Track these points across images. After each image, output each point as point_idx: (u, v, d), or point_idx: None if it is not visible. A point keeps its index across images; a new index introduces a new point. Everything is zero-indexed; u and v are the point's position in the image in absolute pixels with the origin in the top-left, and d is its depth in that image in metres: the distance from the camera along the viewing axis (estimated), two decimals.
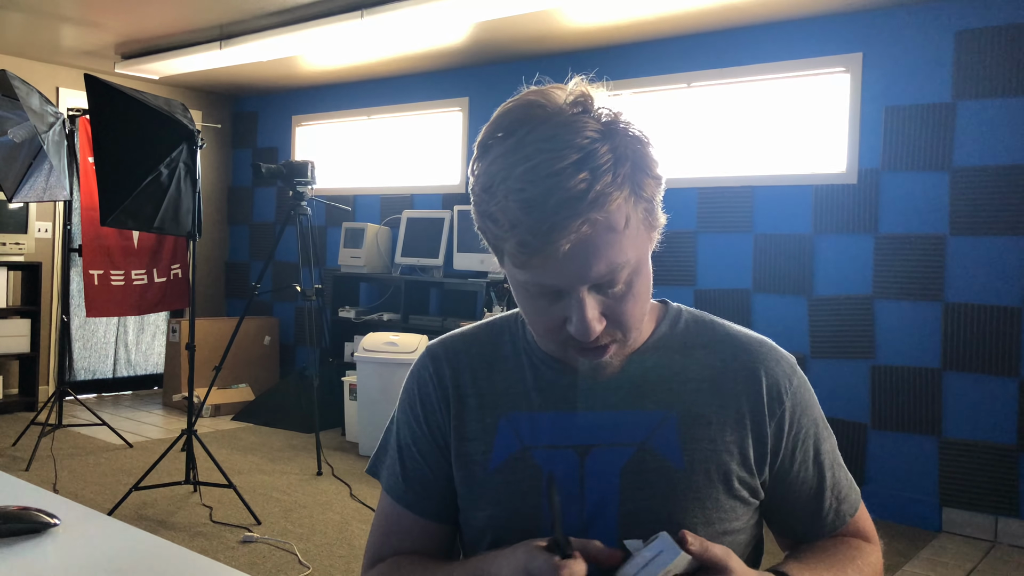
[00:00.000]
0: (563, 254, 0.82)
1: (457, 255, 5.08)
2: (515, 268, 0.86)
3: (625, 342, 0.92)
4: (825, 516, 1.01)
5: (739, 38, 4.34)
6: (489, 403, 1.00)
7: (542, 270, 0.84)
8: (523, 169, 0.82)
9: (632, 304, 0.89)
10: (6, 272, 5.37)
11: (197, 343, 4.93)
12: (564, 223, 0.80)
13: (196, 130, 3.61)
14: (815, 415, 1.01)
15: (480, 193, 0.87)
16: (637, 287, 0.89)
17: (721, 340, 1.00)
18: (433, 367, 1.04)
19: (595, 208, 0.81)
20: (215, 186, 6.79)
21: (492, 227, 0.85)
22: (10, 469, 4.07)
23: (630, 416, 0.95)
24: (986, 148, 3.66)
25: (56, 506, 1.26)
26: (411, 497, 1.03)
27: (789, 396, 0.98)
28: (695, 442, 0.94)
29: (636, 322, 0.91)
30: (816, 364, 4.07)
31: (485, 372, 1.01)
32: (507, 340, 1.03)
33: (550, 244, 0.81)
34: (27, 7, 4.46)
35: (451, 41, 4.81)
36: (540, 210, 0.80)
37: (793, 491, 1.00)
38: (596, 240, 0.82)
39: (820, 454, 1.01)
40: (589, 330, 0.85)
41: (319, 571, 3.02)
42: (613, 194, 0.81)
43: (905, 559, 3.37)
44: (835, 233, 4.04)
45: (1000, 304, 3.62)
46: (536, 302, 0.89)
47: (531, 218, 0.81)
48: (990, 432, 3.64)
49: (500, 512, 0.97)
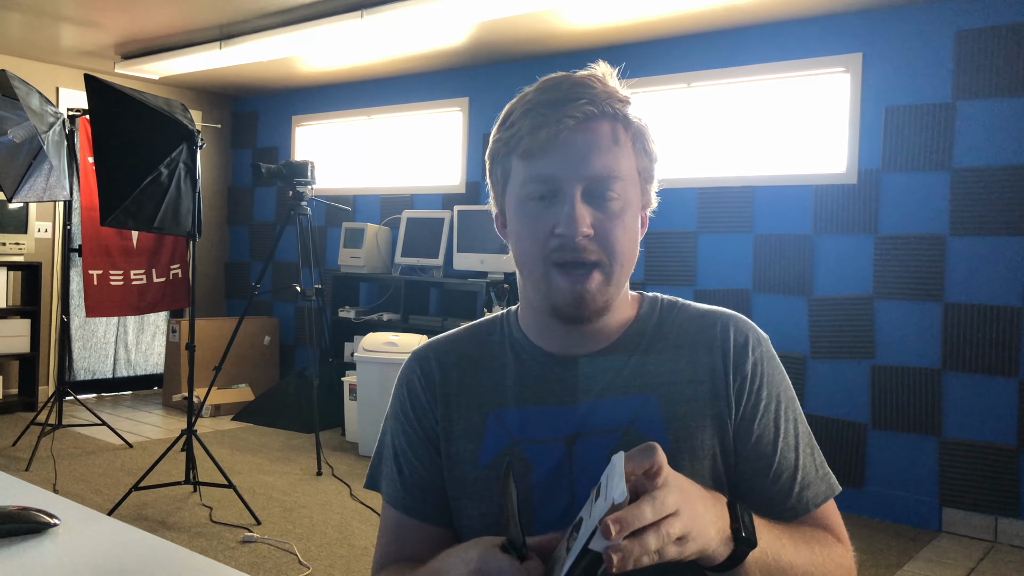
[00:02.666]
0: (568, 135, 0.90)
1: (457, 255, 5.07)
2: (521, 163, 0.93)
3: (610, 274, 0.93)
4: (785, 497, 0.96)
5: (739, 38, 4.34)
6: (476, 401, 1.01)
7: (546, 157, 0.91)
8: (542, 84, 0.95)
9: (621, 231, 0.92)
10: (6, 272, 5.37)
11: (197, 343, 4.93)
12: (576, 96, 0.91)
13: (196, 130, 3.61)
14: (781, 389, 0.99)
15: (497, 127, 0.97)
16: (627, 220, 0.93)
17: (693, 318, 1.02)
18: (420, 369, 1.06)
19: (604, 106, 0.92)
20: (215, 186, 6.79)
21: (505, 134, 0.95)
22: (10, 469, 4.07)
23: (614, 403, 0.96)
24: (986, 148, 3.66)
25: (56, 506, 1.26)
26: (410, 501, 1.03)
27: (753, 356, 0.97)
28: (678, 420, 0.94)
29: (623, 252, 0.93)
30: (816, 364, 4.07)
31: (472, 371, 1.03)
32: (495, 339, 1.05)
33: (561, 115, 0.90)
34: (27, 7, 4.46)
35: (451, 41, 4.81)
36: (555, 90, 0.93)
37: (752, 461, 0.96)
38: (598, 135, 0.92)
39: (783, 430, 0.97)
40: (576, 222, 0.89)
41: (319, 571, 3.02)
42: (621, 114, 0.93)
43: (905, 559, 3.37)
44: (835, 233, 4.04)
45: (1000, 304, 3.62)
46: (531, 208, 0.93)
47: (546, 96, 0.92)
48: (990, 432, 3.64)
49: (493, 509, 0.97)
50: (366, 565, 3.10)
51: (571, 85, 0.93)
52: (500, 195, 1.00)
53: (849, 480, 3.94)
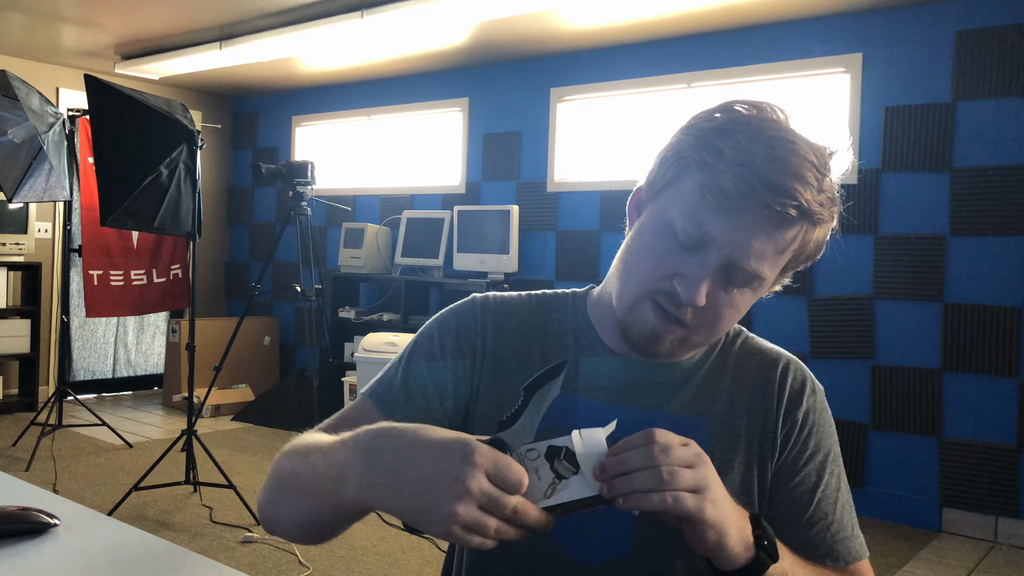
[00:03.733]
0: (751, 218, 0.83)
1: (457, 255, 5.07)
2: (696, 191, 0.85)
3: (694, 342, 0.91)
4: (817, 545, 0.94)
5: (739, 38, 4.34)
6: (526, 372, 0.97)
7: (721, 216, 0.84)
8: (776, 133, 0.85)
9: (730, 315, 0.89)
10: (6, 272, 5.37)
11: (197, 343, 4.93)
12: (791, 192, 0.81)
13: (196, 130, 3.61)
14: (831, 442, 0.97)
15: (706, 129, 0.86)
16: (741, 308, 0.90)
17: (754, 352, 1.00)
18: (481, 315, 1.00)
19: (807, 213, 0.84)
20: (215, 186, 6.79)
21: (707, 156, 0.84)
22: (10, 469, 4.07)
23: (663, 420, 0.94)
24: (986, 148, 3.66)
25: (56, 506, 1.26)
26: (397, 403, 0.96)
27: (806, 404, 0.96)
28: (724, 451, 0.93)
29: (717, 333, 0.91)
30: (816, 364, 4.07)
31: (525, 340, 0.99)
32: (554, 317, 1.01)
33: (767, 200, 0.81)
34: (27, 7, 4.46)
35: (451, 41, 4.81)
36: (781, 167, 0.82)
37: (787, 505, 0.95)
38: (777, 236, 0.85)
39: (824, 482, 0.96)
40: (697, 293, 0.85)
41: (319, 571, 3.02)
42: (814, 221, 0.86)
43: (905, 559, 3.37)
44: (835, 233, 4.03)
45: (1000, 304, 3.62)
46: (667, 238, 0.87)
47: (769, 167, 0.82)
48: (990, 432, 3.64)
49: None
50: (366, 565, 3.10)
51: (797, 173, 0.82)
52: (658, 184, 0.91)
53: (849, 480, 3.92)
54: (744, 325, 1.05)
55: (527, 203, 5.06)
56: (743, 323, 1.00)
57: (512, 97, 5.23)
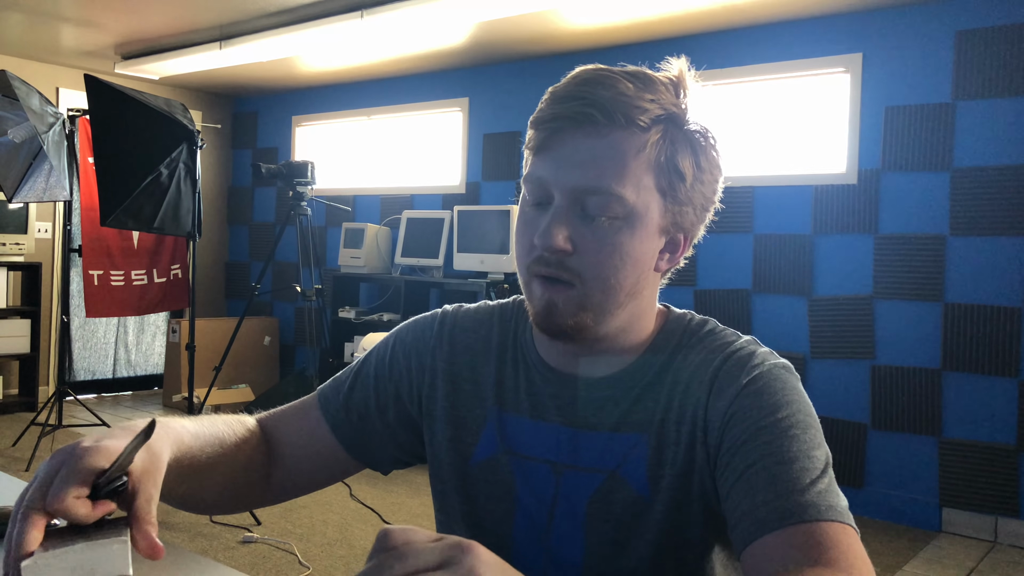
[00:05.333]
0: (566, 138, 0.82)
1: (457, 255, 5.07)
2: (531, 158, 0.86)
3: (587, 296, 0.83)
4: (758, 507, 0.76)
5: (739, 38, 4.34)
6: (482, 394, 0.96)
7: (543, 157, 0.84)
8: (575, 72, 0.86)
9: (608, 253, 0.82)
10: (6, 272, 5.37)
11: (197, 343, 4.93)
12: (581, 95, 0.81)
13: (196, 130, 3.61)
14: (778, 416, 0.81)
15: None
16: (621, 243, 0.82)
17: (709, 351, 0.89)
18: (438, 331, 1.00)
19: (614, 114, 0.81)
20: (215, 186, 6.79)
21: (532, 123, 0.86)
22: (10, 470, 4.07)
23: (606, 439, 0.89)
24: (986, 148, 3.65)
25: None
26: (340, 417, 1.01)
27: (735, 387, 0.84)
28: (660, 467, 0.86)
29: (606, 278, 0.83)
30: (816, 364, 4.07)
31: (483, 359, 0.97)
32: (508, 328, 0.99)
33: (559, 111, 0.82)
34: (27, 7, 4.46)
35: (451, 41, 4.81)
36: (568, 85, 0.84)
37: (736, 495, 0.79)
38: (605, 143, 0.82)
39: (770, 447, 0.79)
40: (550, 235, 0.81)
41: (319, 571, 3.02)
42: (642, 124, 0.82)
43: (905, 559, 3.37)
44: (835, 233, 4.04)
45: (1000, 304, 3.62)
46: (526, 212, 0.87)
47: (560, 88, 0.84)
48: (990, 432, 3.63)
49: (472, 510, 0.95)
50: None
51: (586, 80, 0.83)
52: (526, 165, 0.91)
53: (849, 480, 3.94)
54: (744, 325, 1.04)
55: None
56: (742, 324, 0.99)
57: (512, 97, 5.23)
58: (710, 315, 0.97)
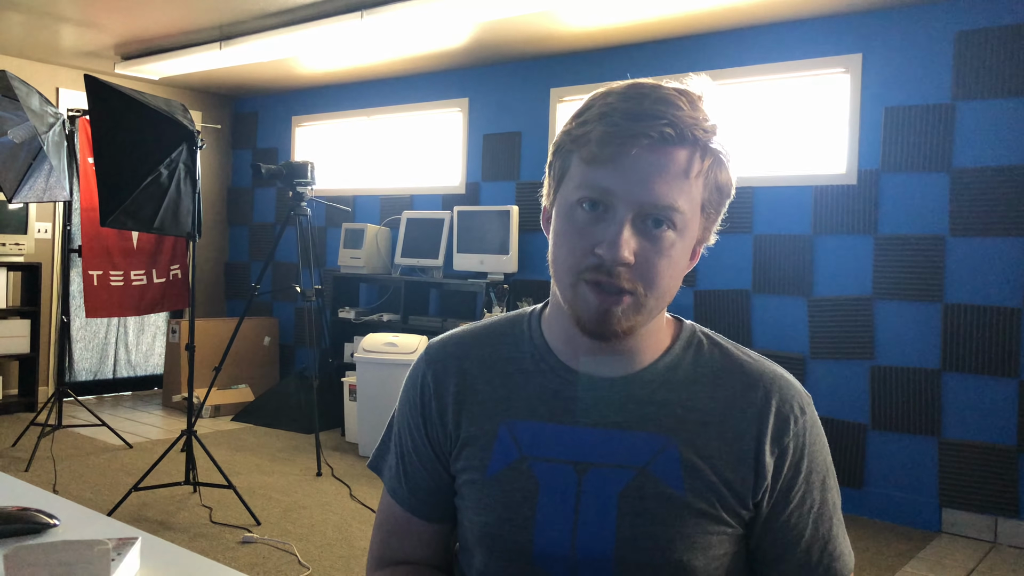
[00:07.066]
0: (637, 154, 0.85)
1: (457, 256, 5.07)
2: (582, 166, 0.88)
3: (642, 304, 0.88)
4: (814, 568, 0.94)
5: (739, 38, 4.34)
6: (489, 409, 0.98)
7: (608, 169, 0.86)
8: (628, 89, 0.89)
9: (665, 264, 0.88)
10: (6, 272, 5.37)
11: (197, 344, 4.93)
12: (658, 114, 0.85)
13: (196, 131, 3.61)
14: (821, 460, 0.96)
15: (571, 118, 0.91)
16: (675, 255, 0.89)
17: (734, 370, 0.96)
18: (432, 373, 1.02)
19: (685, 131, 0.85)
20: (215, 186, 6.79)
21: (575, 131, 0.89)
22: (10, 470, 4.07)
23: (631, 437, 0.92)
24: (986, 148, 3.66)
25: (56, 507, 1.26)
26: (414, 502, 1.03)
27: (794, 432, 0.93)
28: (697, 472, 0.91)
29: (661, 287, 0.89)
30: (816, 365, 4.07)
31: (486, 376, 0.99)
32: (510, 343, 1.01)
33: (636, 131, 0.85)
34: (27, 7, 4.46)
35: (451, 42, 4.81)
36: (639, 101, 0.87)
37: (783, 536, 0.94)
38: (670, 161, 0.86)
39: (820, 503, 0.95)
40: (619, 248, 0.85)
41: (319, 571, 3.02)
42: (702, 143, 0.87)
43: (905, 559, 3.37)
44: (835, 234, 4.04)
45: (1000, 304, 3.62)
46: (578, 216, 0.88)
47: (628, 104, 0.87)
48: (990, 432, 3.64)
49: (493, 520, 0.95)
50: (365, 565, 3.10)
51: (656, 100, 0.87)
52: (554, 190, 0.94)
53: (849, 480, 3.94)
54: (743, 325, 1.05)
55: (527, 203, 5.06)
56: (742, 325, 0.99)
57: (512, 97, 5.23)
58: (711, 315, 1.01)
